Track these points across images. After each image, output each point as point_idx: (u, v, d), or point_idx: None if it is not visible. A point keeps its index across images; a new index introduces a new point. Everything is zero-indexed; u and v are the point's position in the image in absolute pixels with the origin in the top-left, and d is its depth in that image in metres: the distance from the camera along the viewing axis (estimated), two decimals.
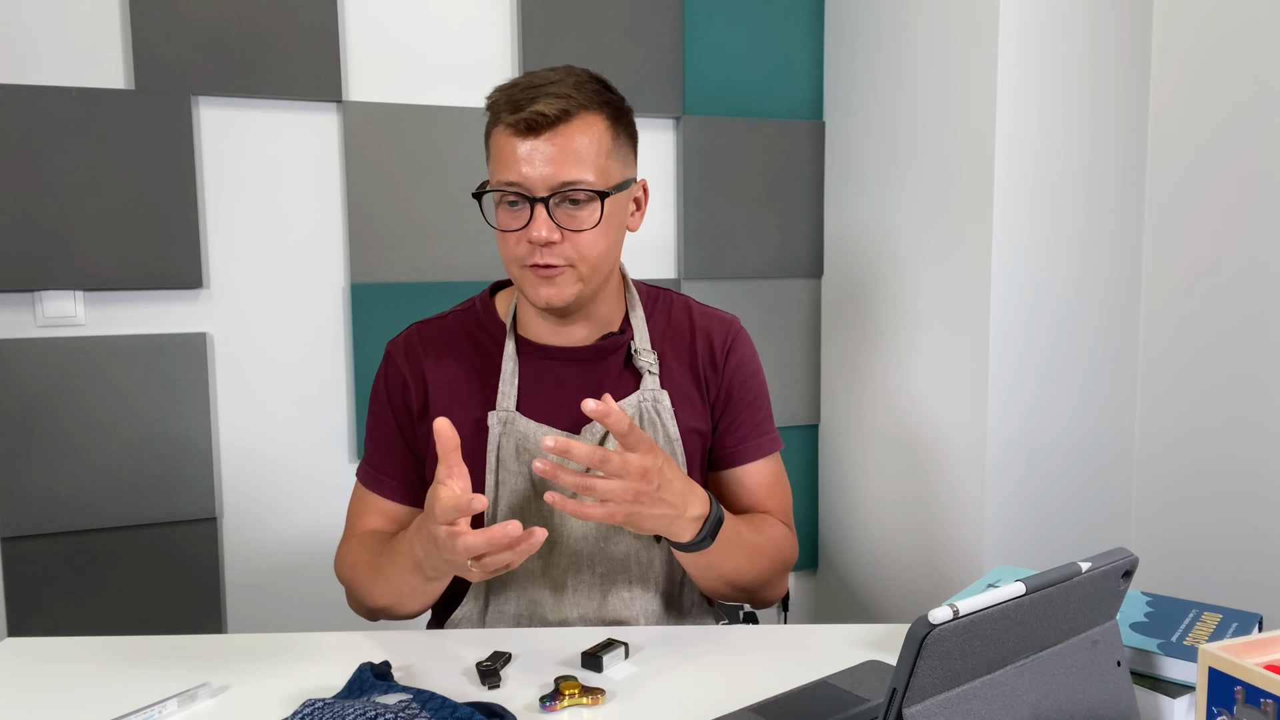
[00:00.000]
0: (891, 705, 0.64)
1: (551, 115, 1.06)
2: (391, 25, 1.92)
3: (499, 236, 1.13)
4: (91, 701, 0.92)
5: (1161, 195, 1.81)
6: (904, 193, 1.96)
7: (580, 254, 1.10)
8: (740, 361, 1.25)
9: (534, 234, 1.07)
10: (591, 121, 1.09)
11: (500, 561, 0.94)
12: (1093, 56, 1.76)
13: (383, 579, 1.11)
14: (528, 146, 1.07)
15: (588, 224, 1.09)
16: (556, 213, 1.08)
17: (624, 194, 1.15)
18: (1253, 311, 1.64)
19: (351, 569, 1.18)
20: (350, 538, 1.22)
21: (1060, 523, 1.84)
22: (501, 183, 1.09)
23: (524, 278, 1.12)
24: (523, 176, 1.07)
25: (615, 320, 1.22)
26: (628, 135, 1.15)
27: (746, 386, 1.25)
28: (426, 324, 1.25)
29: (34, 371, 1.74)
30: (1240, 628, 0.91)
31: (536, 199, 1.07)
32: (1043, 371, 1.80)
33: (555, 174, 1.07)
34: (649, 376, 1.19)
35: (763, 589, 1.20)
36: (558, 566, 1.16)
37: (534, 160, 1.07)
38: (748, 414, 1.24)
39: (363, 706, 0.84)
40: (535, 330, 1.20)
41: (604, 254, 1.12)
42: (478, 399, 1.18)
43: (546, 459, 0.98)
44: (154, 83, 1.77)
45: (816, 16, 2.20)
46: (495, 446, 1.15)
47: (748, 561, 1.14)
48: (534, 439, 1.16)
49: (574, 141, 1.07)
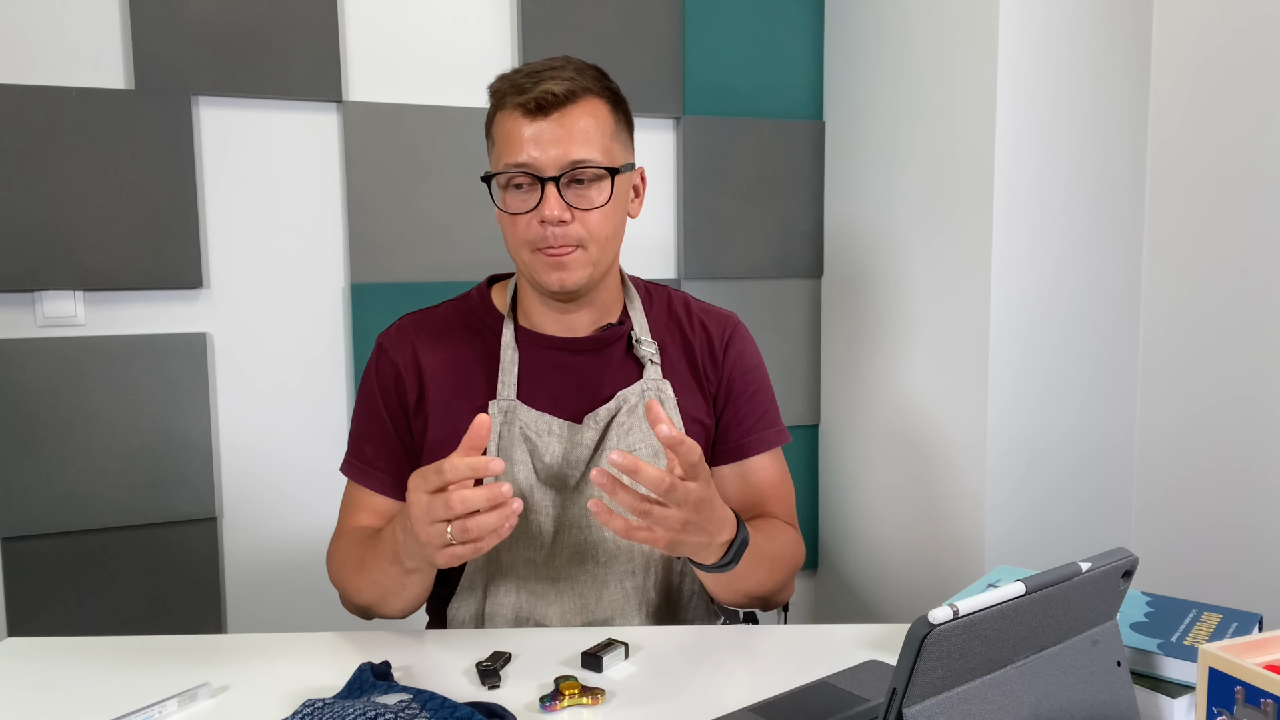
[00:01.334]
0: (891, 705, 0.64)
1: (560, 94, 1.07)
2: (391, 25, 1.92)
3: (507, 221, 1.12)
4: (91, 701, 0.92)
5: (1162, 195, 1.81)
6: (904, 192, 1.96)
7: (590, 233, 1.10)
8: (740, 354, 1.25)
9: (546, 213, 1.07)
10: (596, 104, 1.10)
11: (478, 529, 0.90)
12: (1093, 56, 1.76)
13: (365, 572, 1.09)
14: (536, 128, 1.07)
15: (598, 202, 1.10)
16: (566, 193, 1.09)
17: (628, 176, 1.16)
18: (1253, 311, 1.64)
19: (339, 566, 1.16)
20: (339, 535, 1.20)
21: (1060, 523, 1.84)
22: (510, 165, 1.09)
23: (534, 262, 1.12)
24: (532, 158, 1.07)
25: (614, 311, 1.22)
26: (627, 122, 1.17)
27: (747, 379, 1.25)
28: (418, 314, 1.25)
29: (34, 371, 1.74)
30: (1240, 628, 0.91)
31: (547, 179, 1.08)
32: (1043, 371, 1.80)
33: (564, 153, 1.07)
34: (651, 366, 1.19)
35: (776, 595, 1.19)
36: (558, 559, 1.16)
37: (542, 141, 1.07)
38: (750, 406, 1.24)
39: (363, 706, 0.84)
40: (535, 319, 1.20)
41: (612, 234, 1.13)
42: (477, 387, 1.18)
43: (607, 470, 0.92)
44: (154, 83, 1.76)
45: (816, 16, 2.20)
46: (497, 435, 1.15)
47: (767, 574, 1.13)
48: (535, 428, 1.15)
49: (581, 122, 1.08)
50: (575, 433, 1.16)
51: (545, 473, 1.16)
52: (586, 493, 1.16)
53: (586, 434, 1.16)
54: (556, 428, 1.16)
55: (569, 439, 1.16)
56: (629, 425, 1.17)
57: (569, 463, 1.16)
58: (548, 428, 1.16)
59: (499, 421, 1.15)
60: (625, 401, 1.17)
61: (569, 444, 1.16)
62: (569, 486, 1.16)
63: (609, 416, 1.16)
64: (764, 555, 1.11)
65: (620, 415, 1.17)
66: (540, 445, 1.15)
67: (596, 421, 1.16)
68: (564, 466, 1.16)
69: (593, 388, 1.18)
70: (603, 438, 1.16)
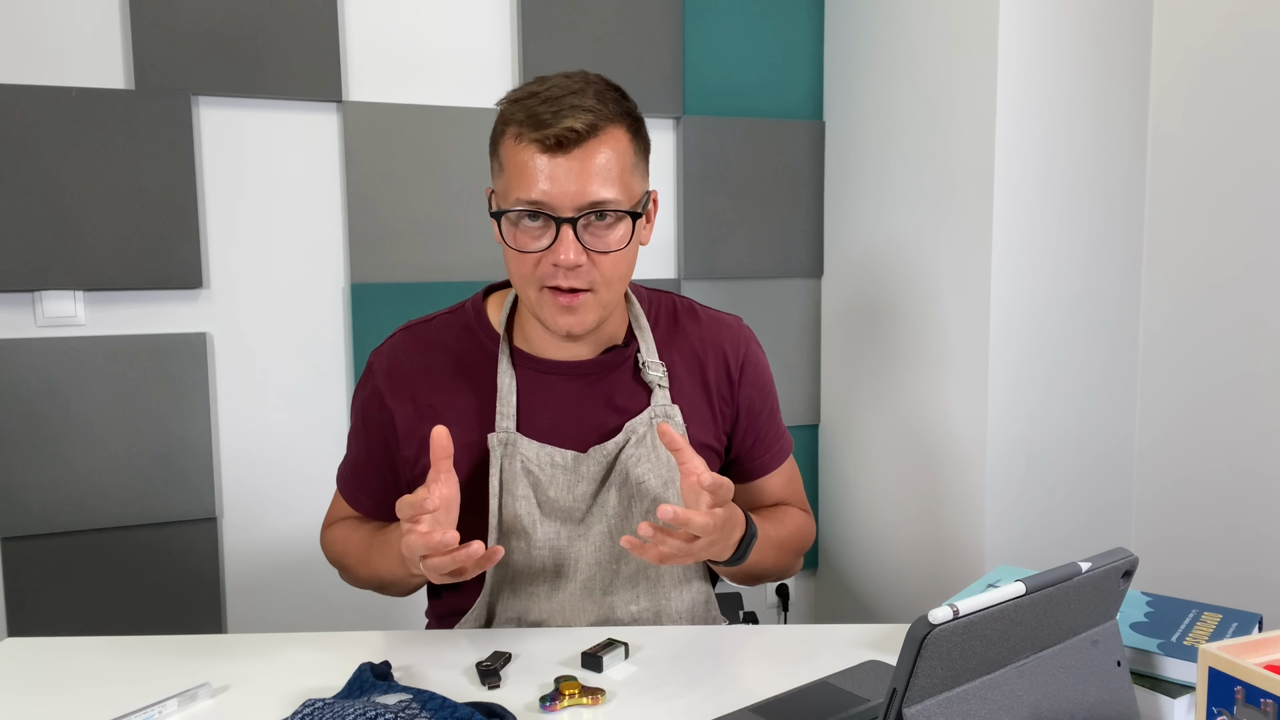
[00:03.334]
0: (891, 705, 0.64)
1: (582, 130, 0.99)
2: (391, 25, 1.92)
3: (513, 256, 1.04)
4: (91, 701, 0.92)
5: (1161, 196, 1.81)
6: (904, 192, 1.96)
7: (604, 277, 1.04)
8: (756, 372, 1.21)
9: (561, 257, 1.00)
10: (617, 136, 1.03)
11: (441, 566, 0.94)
12: (1093, 56, 1.76)
13: (371, 568, 1.14)
14: (555, 164, 0.99)
15: (615, 245, 1.03)
16: (583, 234, 1.01)
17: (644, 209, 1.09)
18: (1252, 311, 1.64)
19: (342, 553, 1.20)
20: (335, 518, 1.24)
21: (1060, 523, 1.84)
22: (523, 201, 1.01)
23: (542, 303, 1.05)
24: (548, 195, 1.00)
25: (620, 332, 1.16)
26: (645, 147, 1.09)
27: (763, 397, 1.22)
28: (413, 333, 1.17)
29: (34, 371, 1.74)
30: (1240, 628, 0.91)
31: (563, 219, 1.00)
32: (1043, 371, 1.80)
33: (583, 193, 1.00)
34: (659, 391, 1.14)
35: (785, 573, 1.24)
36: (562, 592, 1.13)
37: (559, 178, 0.99)
38: (767, 424, 1.22)
39: (363, 706, 0.84)
40: (535, 342, 1.13)
41: (625, 274, 1.07)
42: (472, 419, 1.11)
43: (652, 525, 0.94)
44: (154, 83, 1.76)
45: (816, 16, 2.20)
46: (498, 470, 1.09)
47: (774, 558, 1.17)
48: (537, 461, 1.10)
49: (601, 157, 1.00)
50: (580, 463, 1.11)
51: (549, 506, 1.11)
52: (593, 525, 1.12)
53: (593, 467, 1.11)
54: (560, 459, 1.11)
55: (574, 471, 1.11)
56: (637, 456, 1.12)
57: (574, 496, 1.11)
58: (550, 459, 1.10)
59: (499, 454, 1.10)
60: (634, 433, 1.12)
61: (574, 476, 1.11)
62: (575, 519, 1.12)
63: (616, 450, 1.12)
64: (771, 542, 1.15)
65: (628, 447, 1.11)
66: (544, 479, 1.10)
67: (604, 454, 1.11)
68: (569, 500, 1.11)
69: (597, 414, 1.13)
70: (610, 471, 1.12)
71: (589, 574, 1.13)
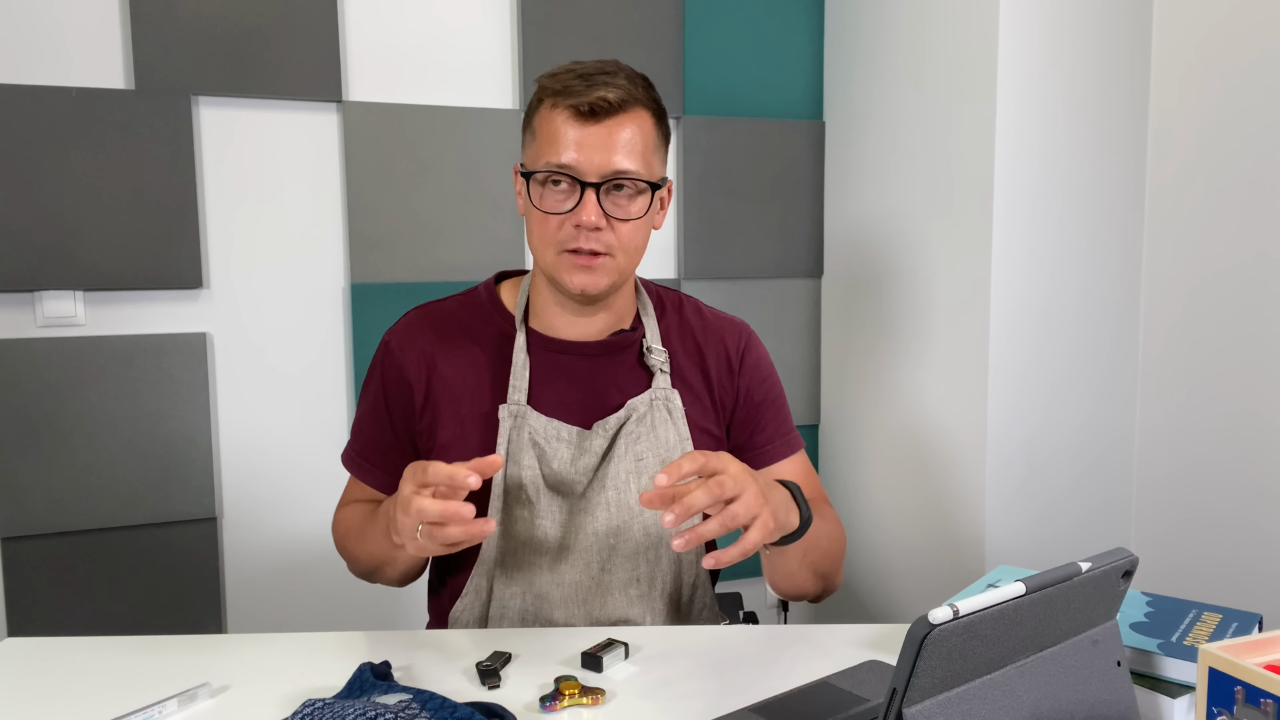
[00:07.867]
0: (891, 705, 0.64)
1: (614, 102, 1.06)
2: (391, 25, 1.92)
3: (537, 219, 1.11)
4: (91, 701, 0.92)
5: (1162, 195, 1.81)
6: (904, 192, 1.96)
7: (621, 243, 1.10)
8: (756, 363, 1.25)
9: (584, 218, 1.07)
10: (643, 116, 1.10)
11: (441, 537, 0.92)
12: (1093, 56, 1.76)
13: (362, 543, 1.17)
14: (584, 131, 1.07)
15: (634, 214, 1.10)
16: (604, 200, 1.08)
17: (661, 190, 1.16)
18: (1252, 311, 1.64)
19: (344, 535, 1.22)
20: (343, 506, 1.25)
21: (1060, 523, 1.84)
22: (553, 164, 1.08)
23: (560, 263, 1.11)
24: (576, 161, 1.07)
25: (628, 316, 1.22)
26: (666, 136, 1.16)
27: (765, 387, 1.25)
28: (427, 310, 1.23)
29: (34, 371, 1.74)
30: (1240, 628, 0.91)
31: (588, 184, 1.07)
32: (1043, 371, 1.80)
33: (609, 161, 1.07)
34: (660, 375, 1.19)
35: (835, 574, 1.19)
36: (564, 564, 1.16)
37: (589, 145, 1.07)
38: (770, 414, 1.25)
39: (363, 706, 0.84)
40: (547, 321, 1.19)
41: (640, 246, 1.14)
42: (486, 391, 1.17)
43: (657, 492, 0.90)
44: (154, 83, 1.77)
45: (816, 16, 2.20)
46: (506, 440, 1.14)
47: (829, 541, 1.15)
48: (544, 434, 1.15)
49: (627, 132, 1.08)
50: (584, 439, 1.16)
51: (553, 478, 1.15)
52: (595, 499, 1.15)
53: (595, 441, 1.16)
54: (565, 434, 1.16)
55: (577, 445, 1.16)
56: (637, 434, 1.16)
57: (577, 469, 1.15)
58: (556, 434, 1.15)
59: (508, 425, 1.15)
60: (634, 410, 1.17)
61: (577, 450, 1.16)
62: (576, 493, 1.16)
63: (618, 425, 1.16)
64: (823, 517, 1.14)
65: (629, 424, 1.16)
66: (548, 451, 1.15)
67: (605, 429, 1.16)
68: (572, 473, 1.15)
69: (602, 393, 1.18)
70: (611, 445, 1.16)
71: (588, 544, 1.15)
